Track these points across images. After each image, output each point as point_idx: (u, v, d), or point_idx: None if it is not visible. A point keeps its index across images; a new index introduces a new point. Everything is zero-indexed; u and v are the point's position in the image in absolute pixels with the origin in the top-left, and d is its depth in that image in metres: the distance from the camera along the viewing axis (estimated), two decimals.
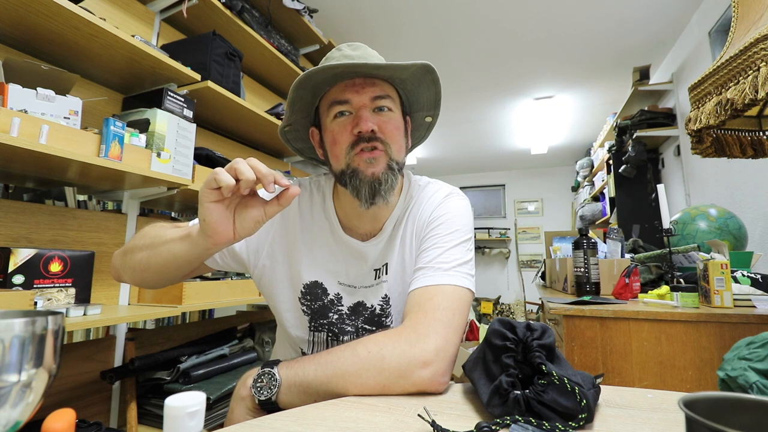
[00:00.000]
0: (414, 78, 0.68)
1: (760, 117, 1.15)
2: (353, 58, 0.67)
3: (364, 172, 0.64)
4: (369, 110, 0.65)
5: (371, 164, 0.64)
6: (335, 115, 0.66)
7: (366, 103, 0.65)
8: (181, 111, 1.43)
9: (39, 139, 0.98)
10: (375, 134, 0.64)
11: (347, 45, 0.70)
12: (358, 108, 0.65)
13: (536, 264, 6.10)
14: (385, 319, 0.72)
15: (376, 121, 0.65)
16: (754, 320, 1.04)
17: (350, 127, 0.65)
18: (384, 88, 0.67)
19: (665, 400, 0.49)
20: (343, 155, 0.66)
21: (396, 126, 0.68)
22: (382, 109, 0.66)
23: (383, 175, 0.65)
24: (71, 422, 0.34)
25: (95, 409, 1.34)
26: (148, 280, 0.68)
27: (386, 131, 0.66)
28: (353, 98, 0.65)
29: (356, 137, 0.64)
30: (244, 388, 0.57)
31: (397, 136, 0.68)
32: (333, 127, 0.67)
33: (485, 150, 5.43)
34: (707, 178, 2.43)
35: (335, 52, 0.70)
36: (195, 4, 1.61)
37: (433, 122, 0.78)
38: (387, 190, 0.65)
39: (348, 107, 0.65)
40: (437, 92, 0.71)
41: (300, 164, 2.66)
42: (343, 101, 0.65)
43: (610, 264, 1.53)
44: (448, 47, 2.91)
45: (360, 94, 0.65)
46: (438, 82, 0.69)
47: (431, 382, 0.52)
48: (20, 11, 1.07)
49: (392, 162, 0.66)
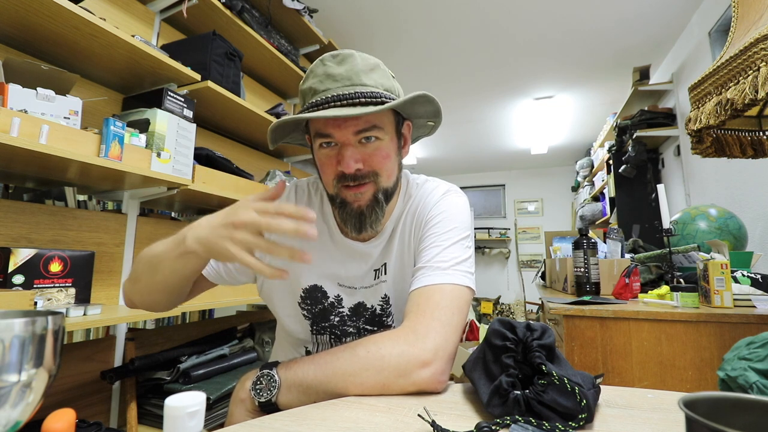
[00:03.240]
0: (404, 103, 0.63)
1: (760, 117, 1.15)
2: (336, 78, 0.61)
3: (351, 204, 0.64)
4: (354, 144, 0.62)
5: (357, 198, 0.64)
6: (320, 144, 0.63)
7: (349, 138, 0.61)
8: (181, 111, 1.43)
9: (39, 139, 0.98)
10: (360, 171, 0.62)
11: (331, 57, 0.63)
12: (341, 144, 0.62)
13: (536, 264, 6.10)
14: (386, 319, 0.72)
15: (362, 155, 0.62)
16: (754, 320, 1.04)
17: (335, 161, 0.63)
18: (369, 118, 0.62)
19: (665, 400, 0.49)
20: (330, 184, 0.65)
21: (384, 155, 0.64)
22: (369, 139, 0.62)
23: (367, 210, 0.64)
24: (71, 422, 0.34)
25: (95, 409, 1.34)
26: (158, 300, 0.68)
27: (373, 163, 0.63)
28: (336, 133, 0.61)
29: (341, 173, 0.62)
30: (243, 390, 0.57)
31: (386, 164, 0.65)
32: (319, 156, 0.65)
33: (485, 150, 5.43)
34: (707, 178, 2.43)
35: (318, 66, 0.63)
36: (195, 4, 1.61)
37: (437, 125, 0.76)
38: (373, 222, 0.65)
39: (332, 139, 0.62)
40: (435, 108, 0.68)
41: (300, 164, 2.66)
42: (326, 135, 0.62)
43: (610, 264, 1.53)
44: (448, 47, 2.91)
45: (342, 129, 0.61)
46: (434, 101, 0.66)
47: (431, 381, 0.52)
48: (20, 11, 1.07)
49: (379, 192, 0.65)
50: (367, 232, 0.66)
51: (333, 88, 0.61)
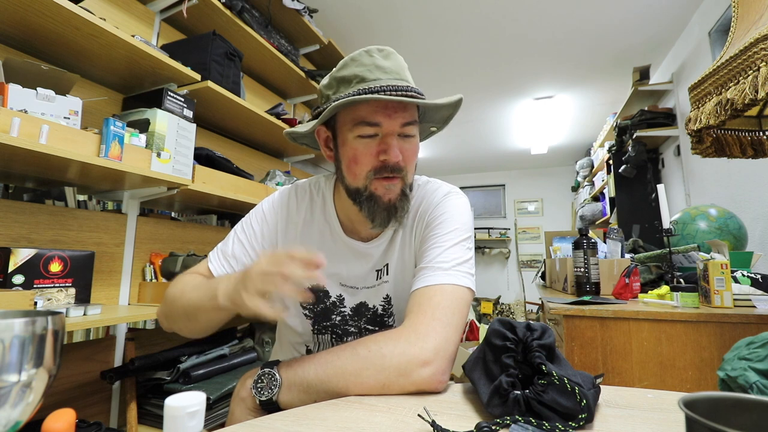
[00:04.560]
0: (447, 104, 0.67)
1: (760, 117, 1.15)
2: (387, 70, 0.63)
3: (381, 198, 0.64)
4: (397, 137, 0.63)
5: (388, 191, 0.64)
6: (360, 134, 0.63)
7: (396, 129, 0.63)
8: (181, 111, 1.43)
9: (39, 139, 0.98)
10: (399, 164, 0.63)
11: (377, 50, 0.65)
12: (386, 134, 0.62)
13: (536, 264, 6.10)
14: (388, 319, 0.72)
15: (402, 149, 0.63)
16: (754, 320, 1.04)
17: (375, 151, 0.63)
18: (413, 112, 0.64)
19: (665, 400, 0.49)
20: (362, 176, 0.64)
21: (416, 151, 0.67)
22: (409, 135, 0.65)
23: (399, 203, 0.65)
24: (71, 422, 0.34)
25: (95, 409, 1.34)
26: (195, 332, 0.69)
27: (408, 158, 0.65)
28: (384, 122, 0.62)
29: (381, 164, 0.63)
30: (244, 389, 0.57)
31: (414, 160, 0.68)
32: (356, 145, 0.64)
33: (485, 150, 5.43)
34: (707, 178, 2.43)
35: (365, 56, 0.64)
36: (195, 4, 1.61)
37: (438, 131, 0.78)
38: (401, 216, 0.67)
39: (377, 130, 0.62)
40: (451, 114, 0.71)
41: (300, 164, 2.66)
42: (374, 123, 0.62)
43: (610, 264, 1.53)
44: (448, 47, 2.91)
45: (392, 118, 0.62)
46: (458, 107, 0.69)
47: (431, 380, 0.52)
48: (20, 11, 1.07)
49: (406, 187, 0.67)
50: (391, 226, 0.67)
51: (384, 78, 0.62)
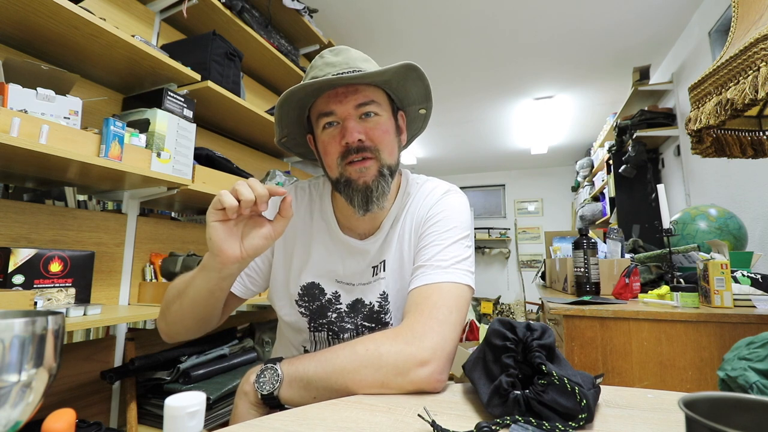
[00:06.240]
0: (397, 77, 0.68)
1: (760, 117, 1.15)
2: (335, 65, 0.67)
3: (356, 181, 0.66)
4: (355, 119, 0.66)
5: (362, 173, 0.66)
6: (323, 126, 0.67)
7: (350, 112, 0.65)
8: (181, 111, 1.43)
9: (39, 139, 0.98)
10: (363, 143, 0.65)
11: (329, 51, 0.70)
12: (343, 118, 0.66)
13: (536, 264, 6.10)
14: (384, 316, 0.72)
15: (363, 129, 0.66)
16: (754, 320, 1.04)
17: (338, 138, 0.66)
18: (368, 93, 0.67)
19: (665, 400, 0.49)
20: (335, 165, 0.67)
21: (384, 130, 0.68)
22: (369, 114, 0.66)
23: (374, 183, 0.66)
24: (71, 422, 0.34)
25: (95, 409, 1.34)
26: (189, 327, 0.69)
27: (374, 137, 0.66)
28: (337, 109, 0.65)
29: (345, 148, 0.65)
30: (248, 383, 0.58)
31: (387, 139, 0.68)
32: (323, 138, 0.68)
33: (485, 150, 5.43)
34: (707, 178, 2.43)
35: (318, 60, 0.70)
36: (195, 4, 1.61)
37: (428, 114, 0.78)
38: (379, 197, 0.67)
39: (334, 117, 0.66)
40: (426, 86, 0.71)
41: (300, 164, 2.66)
42: (328, 113, 0.66)
43: (610, 264, 1.53)
44: (448, 47, 2.91)
45: (343, 103, 0.65)
46: (424, 77, 0.69)
47: (429, 380, 0.52)
48: (20, 11, 1.07)
49: (383, 168, 0.67)
50: (374, 211, 0.67)
51: (332, 72, 0.65)
